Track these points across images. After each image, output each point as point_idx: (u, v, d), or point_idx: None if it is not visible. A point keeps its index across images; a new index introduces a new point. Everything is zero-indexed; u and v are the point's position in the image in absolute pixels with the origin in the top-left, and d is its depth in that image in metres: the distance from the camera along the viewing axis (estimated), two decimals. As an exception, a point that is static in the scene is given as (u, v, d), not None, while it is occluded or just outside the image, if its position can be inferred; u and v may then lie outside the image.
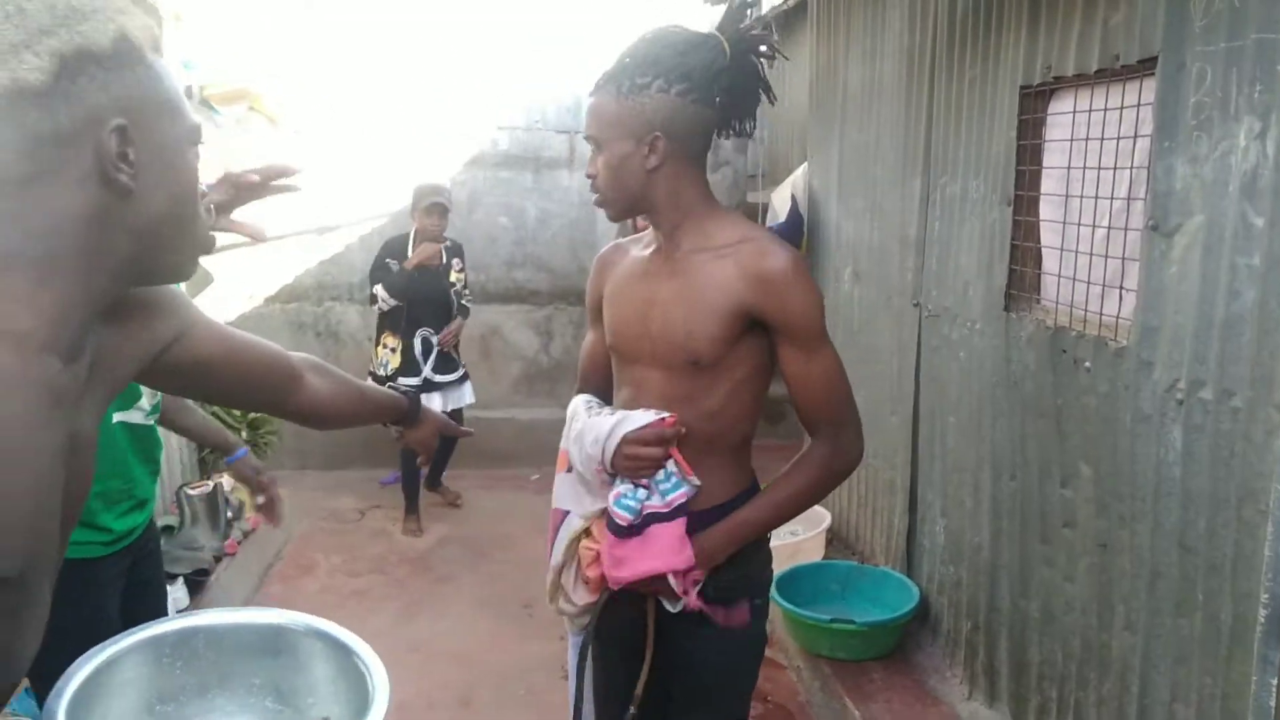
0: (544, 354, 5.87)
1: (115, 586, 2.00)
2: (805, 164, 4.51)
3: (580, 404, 1.80)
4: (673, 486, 1.66)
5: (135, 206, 0.89)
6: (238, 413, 4.32)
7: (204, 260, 1.20)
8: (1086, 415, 2.34)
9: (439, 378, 4.64)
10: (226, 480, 4.06)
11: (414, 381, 4.53)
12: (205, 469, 4.31)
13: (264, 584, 4.06)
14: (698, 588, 1.67)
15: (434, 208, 4.50)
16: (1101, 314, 2.28)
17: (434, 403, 4.63)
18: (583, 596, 1.77)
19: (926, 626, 3.32)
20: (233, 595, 3.74)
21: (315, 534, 4.68)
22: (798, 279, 1.59)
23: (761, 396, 1.71)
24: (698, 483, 1.67)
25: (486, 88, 5.55)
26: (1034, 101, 2.57)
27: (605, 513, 1.69)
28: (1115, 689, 2.29)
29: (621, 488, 1.67)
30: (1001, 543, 2.80)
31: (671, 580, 1.65)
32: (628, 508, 1.65)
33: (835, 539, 4.12)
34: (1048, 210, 2.55)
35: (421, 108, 5.51)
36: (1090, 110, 2.29)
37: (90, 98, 0.84)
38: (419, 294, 4.51)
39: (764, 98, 1.71)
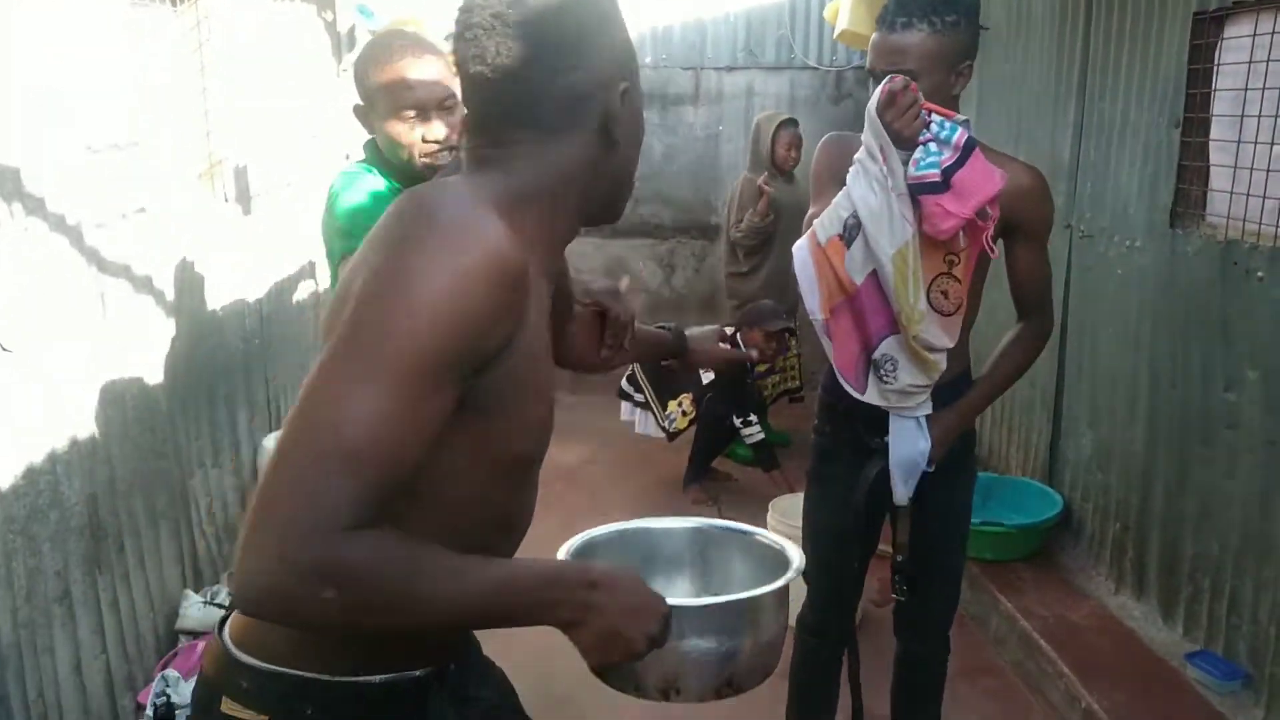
0: (666, 286, 6.11)
1: None
2: (939, 95, 4.62)
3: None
4: (950, 130, 1.72)
5: (615, 157, 1.08)
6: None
7: None
8: (1257, 322, 2.51)
9: None
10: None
11: None
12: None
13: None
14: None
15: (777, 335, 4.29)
16: (1278, 227, 2.44)
17: None
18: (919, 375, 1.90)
19: (1069, 531, 3.53)
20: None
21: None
22: (1045, 190, 1.91)
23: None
24: (964, 118, 1.75)
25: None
26: (1207, 27, 2.70)
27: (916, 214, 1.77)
28: (1278, 572, 2.48)
29: (916, 154, 1.73)
30: (1158, 448, 2.99)
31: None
32: (931, 164, 1.72)
33: (968, 455, 4.32)
34: (1219, 130, 2.69)
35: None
36: (1274, 33, 2.42)
37: (603, 62, 1.03)
38: None
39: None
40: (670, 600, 1.07)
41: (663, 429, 4.61)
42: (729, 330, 4.19)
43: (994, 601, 3.29)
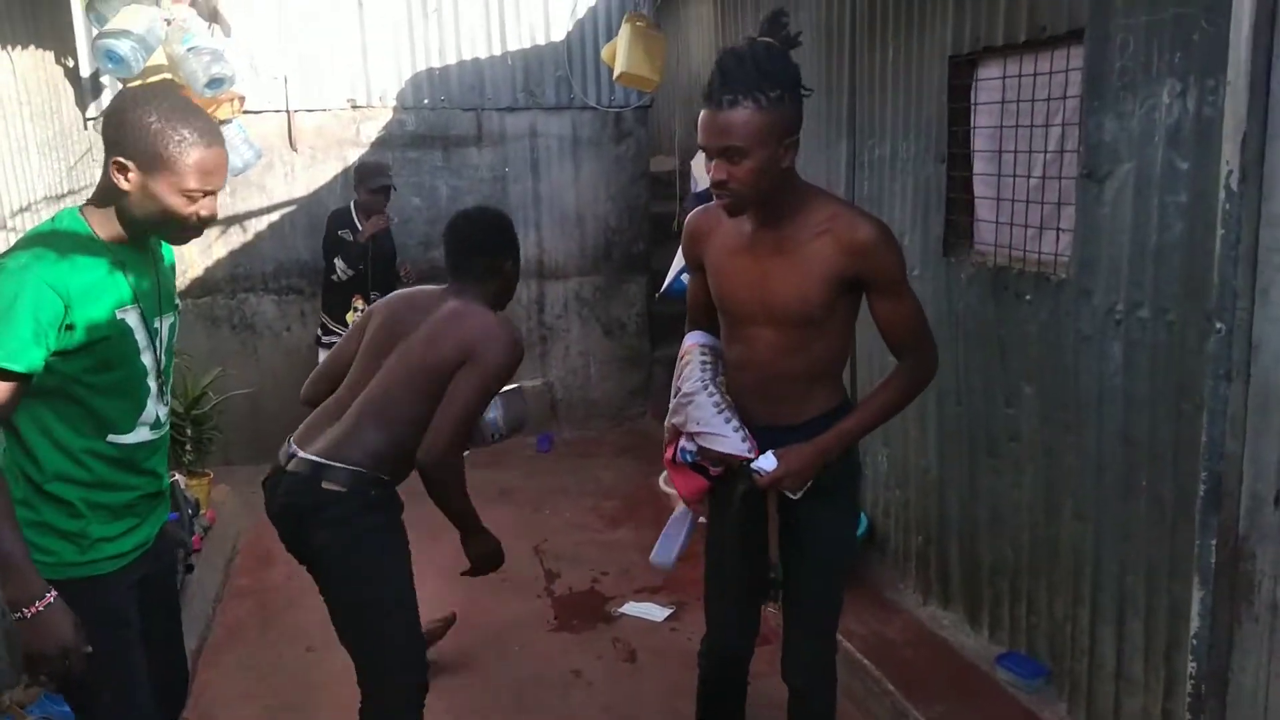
0: (463, 331, 5.95)
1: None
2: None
3: (696, 354, 2.14)
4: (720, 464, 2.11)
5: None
6: (181, 409, 4.27)
7: None
8: (1028, 341, 2.71)
9: None
10: (180, 477, 4.03)
11: None
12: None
13: (230, 577, 4.06)
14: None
15: (382, 191, 4.82)
16: (1040, 253, 2.64)
17: None
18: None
19: (874, 547, 3.68)
20: (206, 590, 3.76)
21: (265, 526, 4.66)
22: (885, 244, 1.91)
23: (852, 334, 2.07)
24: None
25: (389, 67, 5.55)
26: (962, 69, 2.90)
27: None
28: (1066, 572, 2.67)
29: (688, 444, 2.12)
30: (948, 462, 3.17)
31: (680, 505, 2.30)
32: (684, 452, 2.15)
33: (775, 480, 4.44)
34: (980, 165, 2.90)
35: (325, 91, 5.48)
36: (1020, 75, 2.63)
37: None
38: (373, 259, 4.80)
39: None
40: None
41: None
42: None
43: (815, 625, 3.37)
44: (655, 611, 3.70)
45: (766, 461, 2.00)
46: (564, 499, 4.99)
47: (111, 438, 1.80)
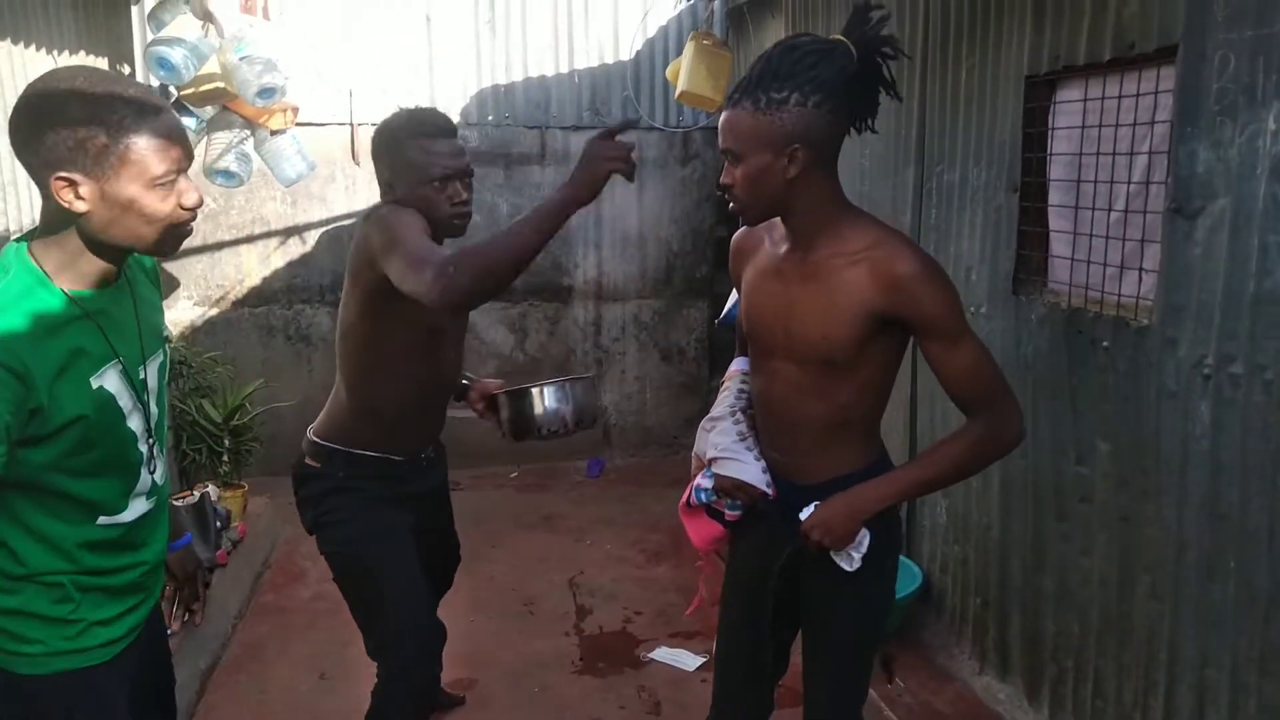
0: (519, 351, 5.83)
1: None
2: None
3: (736, 380, 2.01)
4: (737, 507, 1.95)
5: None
6: (219, 419, 4.21)
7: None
8: (1104, 393, 2.42)
9: None
10: (212, 489, 3.97)
11: None
12: (188, 479, 4.21)
13: (256, 594, 3.97)
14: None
15: None
16: (1120, 295, 2.36)
17: None
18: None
19: (930, 606, 3.39)
20: (227, 606, 3.66)
21: (300, 541, 4.57)
22: (930, 279, 1.64)
23: (890, 383, 1.81)
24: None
25: (455, 82, 5.49)
26: (1039, 90, 2.64)
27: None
28: (1139, 657, 2.37)
29: (704, 482, 1.94)
30: (1012, 521, 2.88)
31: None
32: (699, 491, 1.98)
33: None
34: (1057, 196, 2.63)
35: (389, 105, 5.43)
36: (1104, 98, 2.37)
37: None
38: None
39: (889, 96, 1.75)
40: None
41: None
42: None
43: (857, 689, 3.10)
44: (687, 659, 3.47)
45: (804, 513, 1.78)
46: (607, 529, 4.80)
47: (102, 519, 1.51)
